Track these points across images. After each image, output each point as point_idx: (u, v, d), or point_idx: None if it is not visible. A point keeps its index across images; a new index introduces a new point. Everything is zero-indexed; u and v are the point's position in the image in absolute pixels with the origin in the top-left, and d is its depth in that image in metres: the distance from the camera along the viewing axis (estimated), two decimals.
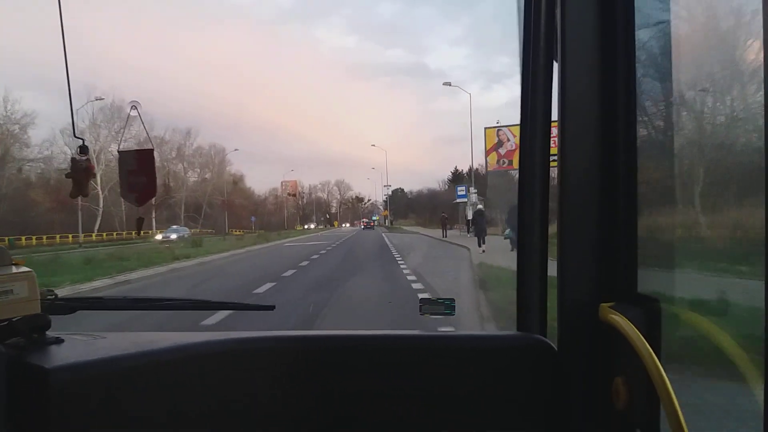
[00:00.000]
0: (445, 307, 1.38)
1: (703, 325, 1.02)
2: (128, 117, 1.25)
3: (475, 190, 32.81)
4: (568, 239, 1.05)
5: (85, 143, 1.21)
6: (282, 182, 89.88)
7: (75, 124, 1.26)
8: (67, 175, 1.17)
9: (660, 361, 0.84)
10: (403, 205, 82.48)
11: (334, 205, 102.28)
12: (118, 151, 1.20)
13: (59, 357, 0.99)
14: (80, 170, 1.18)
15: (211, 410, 1.08)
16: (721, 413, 1.20)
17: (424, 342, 1.22)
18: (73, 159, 1.19)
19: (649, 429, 0.91)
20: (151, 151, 1.21)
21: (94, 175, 1.41)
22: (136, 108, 1.25)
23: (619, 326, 0.93)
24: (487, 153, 33.75)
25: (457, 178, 70.24)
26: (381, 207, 77.91)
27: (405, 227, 64.07)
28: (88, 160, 1.19)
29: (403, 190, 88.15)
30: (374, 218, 69.78)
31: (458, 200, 34.55)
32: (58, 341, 1.06)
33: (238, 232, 53.47)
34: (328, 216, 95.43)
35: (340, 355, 1.18)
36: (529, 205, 1.24)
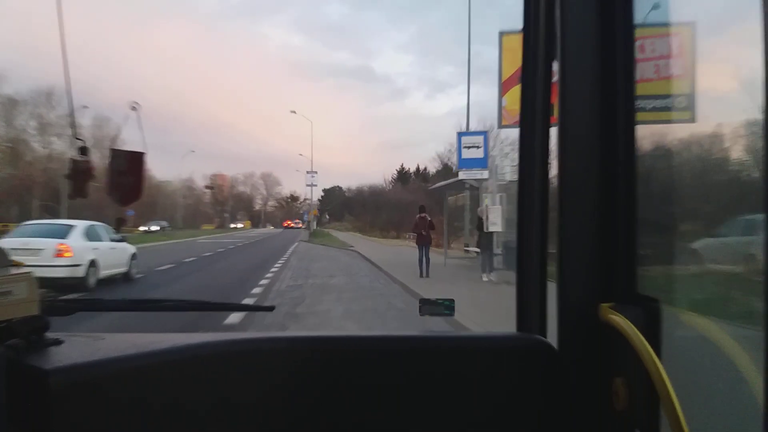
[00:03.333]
0: (445, 307, 1.38)
1: (703, 325, 1.02)
2: (127, 117, 1.25)
3: (511, 148, 14.45)
4: (568, 239, 1.05)
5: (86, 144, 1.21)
6: (211, 176, 76.99)
7: (75, 126, 1.26)
8: (67, 176, 1.17)
9: (660, 361, 0.84)
10: (339, 205, 68.29)
11: (260, 201, 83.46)
12: (110, 149, 1.20)
13: (58, 358, 0.99)
14: (80, 171, 1.17)
15: (211, 411, 1.08)
16: (721, 413, 1.20)
17: (423, 343, 1.22)
18: (73, 160, 1.18)
19: (649, 429, 0.91)
20: (143, 154, 1.21)
21: (94, 177, 1.40)
22: (135, 109, 1.25)
23: (619, 326, 0.93)
24: (505, 88, 14.92)
25: (404, 177, 58.49)
26: (316, 207, 62.99)
27: (336, 232, 47.11)
28: (88, 161, 1.19)
29: (341, 188, 74.06)
30: (306, 218, 52.83)
31: (463, 178, 15.05)
32: (57, 342, 1.06)
33: None
34: (235, 215, 77.81)
35: (340, 357, 1.18)
36: (529, 204, 1.24)
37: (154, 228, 41.55)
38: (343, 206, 65.83)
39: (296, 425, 1.14)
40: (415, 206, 16.56)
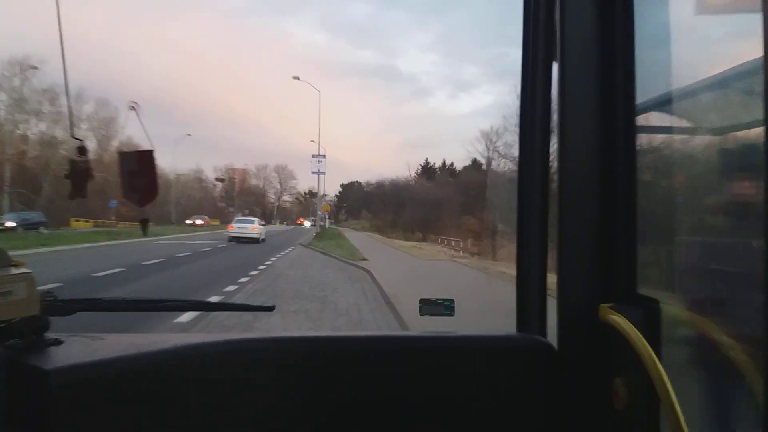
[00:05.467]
0: (444, 307, 1.38)
1: (703, 325, 1.02)
2: (127, 117, 1.25)
3: None
4: (568, 239, 1.05)
5: (84, 144, 1.21)
6: (226, 168, 71.60)
7: (73, 125, 1.26)
8: (66, 176, 1.17)
9: (660, 361, 0.84)
10: (357, 200, 63.01)
11: (272, 196, 77.44)
12: (119, 152, 1.20)
13: (58, 358, 0.99)
14: (79, 171, 1.17)
15: (211, 411, 1.08)
16: (721, 413, 1.20)
17: (424, 343, 1.22)
18: (71, 160, 1.18)
19: (649, 429, 0.91)
20: (151, 152, 1.21)
21: (93, 177, 1.40)
22: (135, 109, 1.24)
23: (619, 326, 0.93)
24: None
25: (429, 172, 54.28)
26: (332, 203, 56.61)
27: (350, 232, 38.87)
28: (87, 161, 1.19)
29: (359, 183, 68.22)
30: (320, 215, 43.35)
31: None
32: (57, 342, 1.06)
33: (80, 223, 33.21)
34: (244, 210, 74.96)
35: (340, 357, 1.18)
36: (529, 205, 1.24)
37: (9, 224, 24.80)
38: (361, 202, 60.16)
39: (296, 425, 1.14)
40: (444, 204, 7.87)
